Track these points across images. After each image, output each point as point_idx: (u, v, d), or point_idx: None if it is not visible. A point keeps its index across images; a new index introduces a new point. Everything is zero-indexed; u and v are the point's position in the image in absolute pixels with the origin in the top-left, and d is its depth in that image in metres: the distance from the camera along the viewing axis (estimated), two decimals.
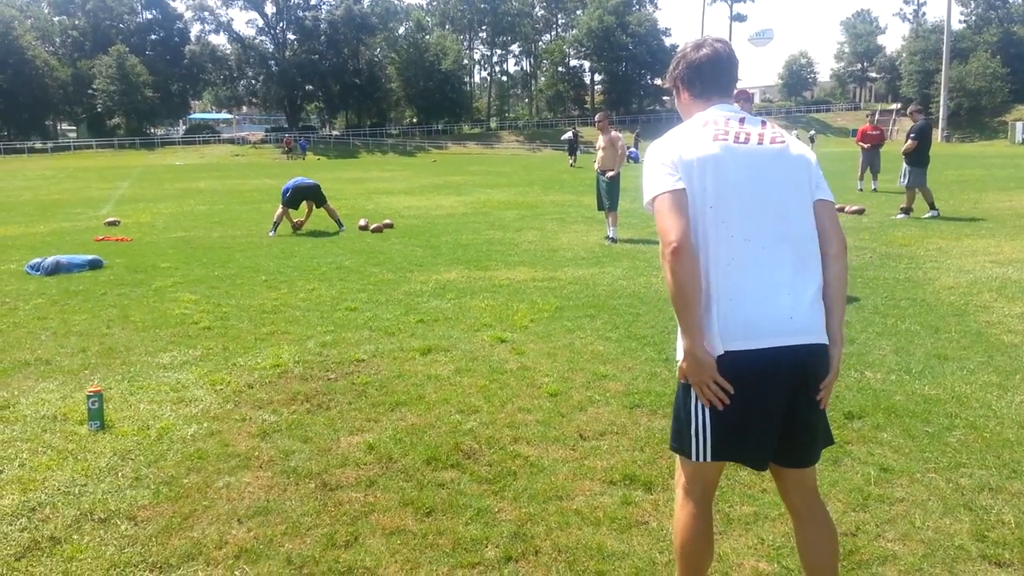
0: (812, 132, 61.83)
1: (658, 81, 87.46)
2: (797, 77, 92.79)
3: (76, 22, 78.07)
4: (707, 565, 2.38)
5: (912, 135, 13.55)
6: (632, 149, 42.72)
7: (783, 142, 2.21)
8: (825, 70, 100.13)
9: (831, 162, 32.24)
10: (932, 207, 13.24)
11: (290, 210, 13.03)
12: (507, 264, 9.51)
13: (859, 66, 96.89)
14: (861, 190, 18.48)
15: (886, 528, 3.09)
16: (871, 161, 18.51)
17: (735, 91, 2.39)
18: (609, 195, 11.37)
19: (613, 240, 11.18)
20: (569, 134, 44.78)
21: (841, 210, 14.20)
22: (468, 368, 5.26)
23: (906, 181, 13.40)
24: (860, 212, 13.91)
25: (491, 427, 4.20)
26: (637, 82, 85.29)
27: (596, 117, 11.93)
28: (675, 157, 2.14)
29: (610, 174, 11.34)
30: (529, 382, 4.96)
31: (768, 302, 2.08)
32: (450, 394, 4.74)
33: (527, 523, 3.16)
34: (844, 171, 24.86)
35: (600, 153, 11.61)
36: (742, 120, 2.22)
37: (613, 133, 11.62)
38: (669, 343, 5.76)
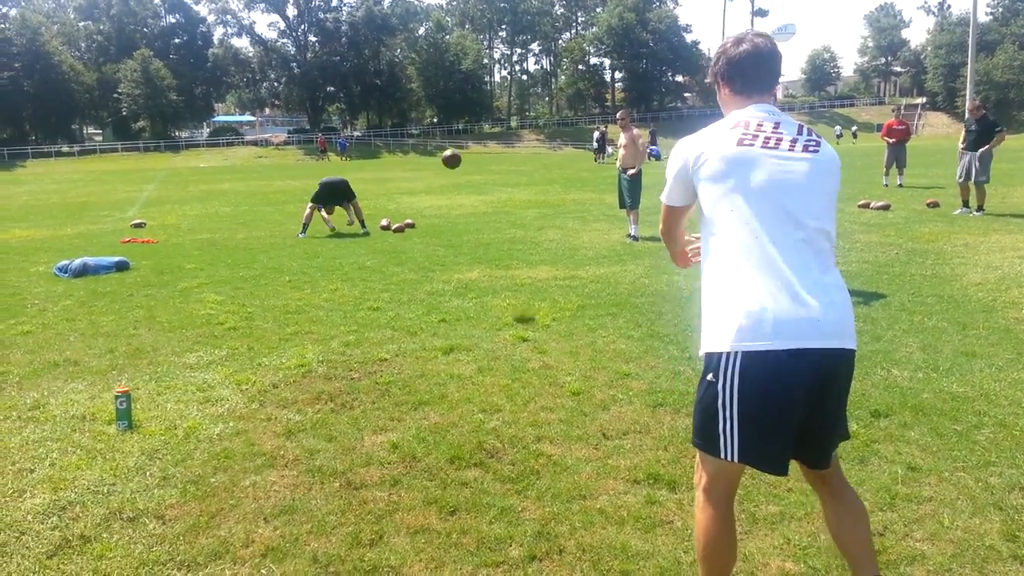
0: (855, 128, 61.01)
1: (679, 78, 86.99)
2: (820, 72, 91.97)
3: (101, 27, 79.06)
4: (731, 567, 2.34)
5: (999, 128, 13.23)
6: (653, 147, 42.72)
7: (816, 149, 2.20)
8: (848, 65, 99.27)
9: (857, 157, 31.91)
10: (980, 207, 12.96)
11: (324, 210, 13.01)
12: (528, 263, 9.50)
13: (883, 60, 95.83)
14: (886, 185, 18.28)
15: (914, 528, 3.05)
16: (897, 156, 18.27)
17: (775, 87, 2.36)
18: (631, 193, 11.33)
19: (635, 238, 11.15)
20: (597, 133, 44.99)
21: (867, 206, 14.04)
22: (490, 367, 5.27)
23: (986, 177, 13.00)
24: (886, 208, 13.75)
25: (514, 426, 4.20)
26: (658, 79, 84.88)
27: (618, 115, 11.91)
28: (696, 159, 2.21)
29: (631, 172, 11.30)
30: (551, 381, 4.96)
31: (795, 305, 2.07)
32: (473, 393, 4.75)
33: (551, 522, 3.16)
34: (870, 166, 24.63)
35: (621, 151, 11.58)
36: (777, 124, 2.22)
37: (635, 131, 11.59)
38: (692, 341, 5.73)
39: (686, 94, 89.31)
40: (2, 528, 3.23)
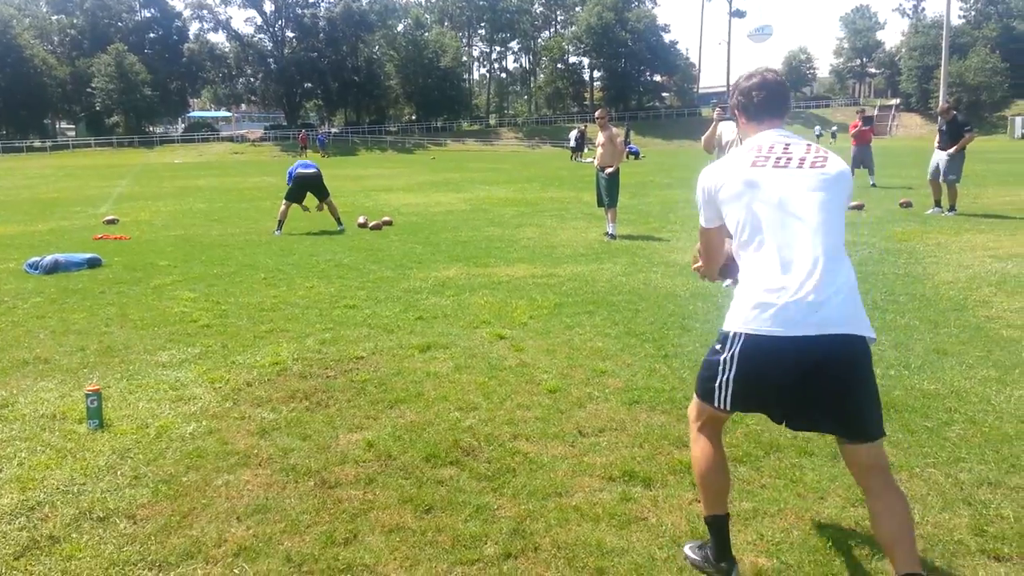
0: (834, 128, 61.37)
1: (657, 77, 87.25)
2: (796, 73, 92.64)
3: (74, 21, 77.84)
4: (727, 489, 2.76)
5: (968, 129, 13.38)
6: (632, 145, 42.90)
7: (823, 165, 2.56)
8: (824, 66, 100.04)
9: None
10: (952, 207, 13.13)
11: (296, 204, 12.93)
12: (506, 261, 9.50)
13: (858, 62, 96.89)
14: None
15: None
16: (861, 158, 18.59)
17: (785, 113, 2.76)
18: (608, 191, 11.36)
19: (612, 236, 11.18)
20: (575, 132, 45.17)
21: None
22: (467, 365, 5.26)
23: (955, 177, 13.13)
24: (859, 208, 13.89)
25: (490, 424, 4.20)
26: (636, 78, 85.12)
27: (596, 114, 11.93)
28: (716, 186, 2.63)
29: (609, 170, 11.33)
30: (528, 379, 4.96)
31: (797, 297, 2.41)
32: (449, 391, 4.74)
33: (526, 520, 3.16)
34: None
35: (599, 150, 11.61)
36: (787, 145, 2.62)
37: (613, 130, 11.62)
38: (668, 339, 5.76)
39: (664, 94, 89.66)
40: None
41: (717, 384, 2.58)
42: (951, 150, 13.10)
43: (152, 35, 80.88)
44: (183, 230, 13.49)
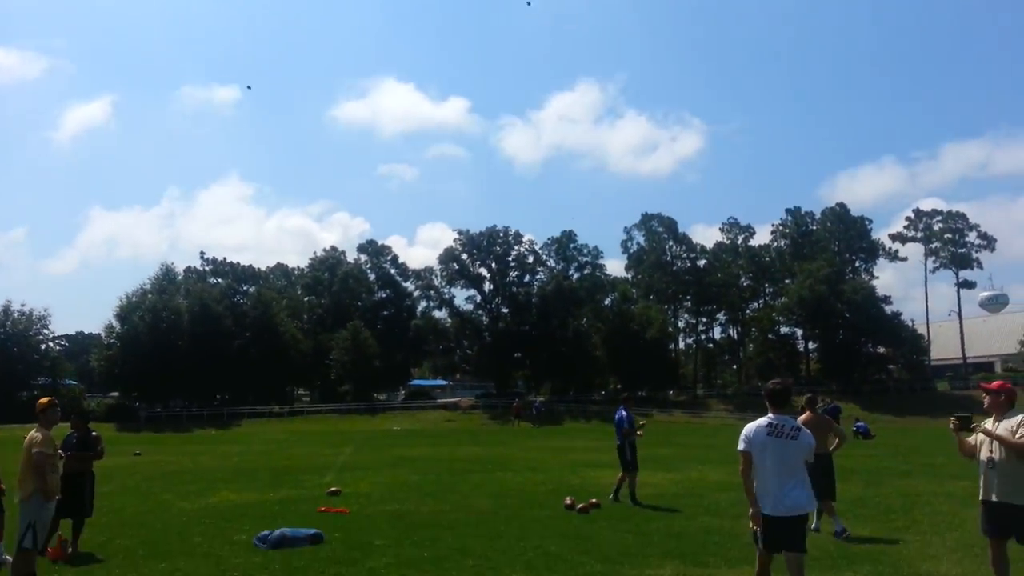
0: None
1: (881, 349, 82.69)
2: None
3: (322, 301, 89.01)
4: None
5: None
6: (860, 422, 40.36)
7: (796, 435, 6.13)
8: None
9: None
10: None
11: None
12: (727, 560, 8.69)
13: None
14: None
15: None
16: None
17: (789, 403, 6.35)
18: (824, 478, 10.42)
19: (840, 533, 10.01)
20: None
21: None
22: None
23: None
24: None
25: None
26: (857, 351, 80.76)
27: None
28: (748, 436, 6.21)
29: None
30: None
31: (779, 497, 6.01)
32: None
33: None
34: None
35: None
36: (782, 424, 6.15)
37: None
38: None
39: (890, 366, 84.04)
40: None
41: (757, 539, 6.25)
42: None
43: (385, 312, 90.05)
44: (398, 504, 13.82)
